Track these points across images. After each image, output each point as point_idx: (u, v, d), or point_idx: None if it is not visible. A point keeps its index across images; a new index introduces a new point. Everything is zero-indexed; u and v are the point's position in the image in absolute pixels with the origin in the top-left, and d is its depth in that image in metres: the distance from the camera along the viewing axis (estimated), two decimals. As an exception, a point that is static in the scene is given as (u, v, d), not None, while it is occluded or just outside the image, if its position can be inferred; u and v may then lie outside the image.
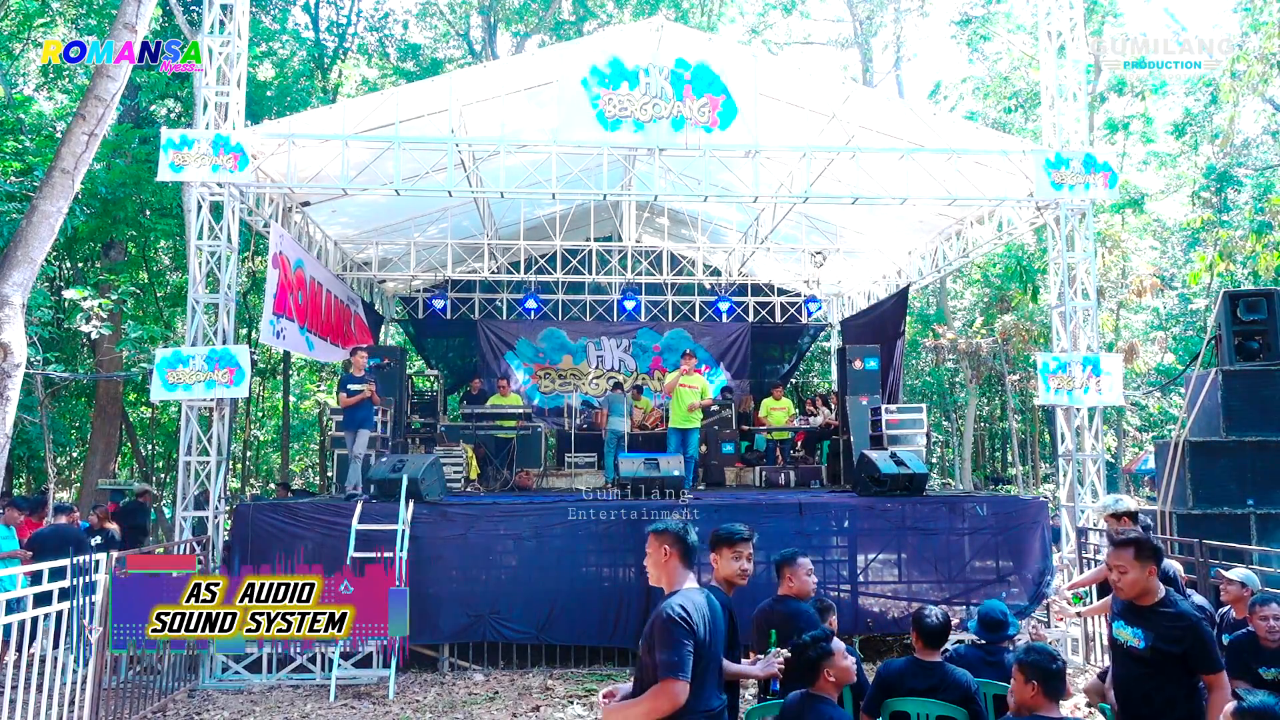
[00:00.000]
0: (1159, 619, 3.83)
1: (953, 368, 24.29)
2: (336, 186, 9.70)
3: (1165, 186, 27.10)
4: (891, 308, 14.67)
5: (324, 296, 12.02)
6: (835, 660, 3.83)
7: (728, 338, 17.33)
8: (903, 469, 9.51)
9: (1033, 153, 9.93)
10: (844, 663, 3.86)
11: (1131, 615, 3.93)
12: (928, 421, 12.83)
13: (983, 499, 9.74)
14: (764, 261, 16.17)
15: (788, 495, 10.54)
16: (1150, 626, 3.84)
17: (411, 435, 13.36)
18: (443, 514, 8.91)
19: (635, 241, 15.14)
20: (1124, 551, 3.89)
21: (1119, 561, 3.90)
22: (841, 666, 3.84)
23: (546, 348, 16.99)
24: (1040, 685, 3.79)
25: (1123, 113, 24.55)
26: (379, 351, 12.62)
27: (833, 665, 3.82)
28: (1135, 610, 3.92)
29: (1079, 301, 10.00)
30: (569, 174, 10.42)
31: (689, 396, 11.32)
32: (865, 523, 9.18)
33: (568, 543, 8.90)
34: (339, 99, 20.77)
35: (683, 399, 11.32)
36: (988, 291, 22.81)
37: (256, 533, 8.72)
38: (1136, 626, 3.87)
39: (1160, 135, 25.61)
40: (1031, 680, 3.81)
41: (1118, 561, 3.91)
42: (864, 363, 12.21)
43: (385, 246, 14.21)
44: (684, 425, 11.25)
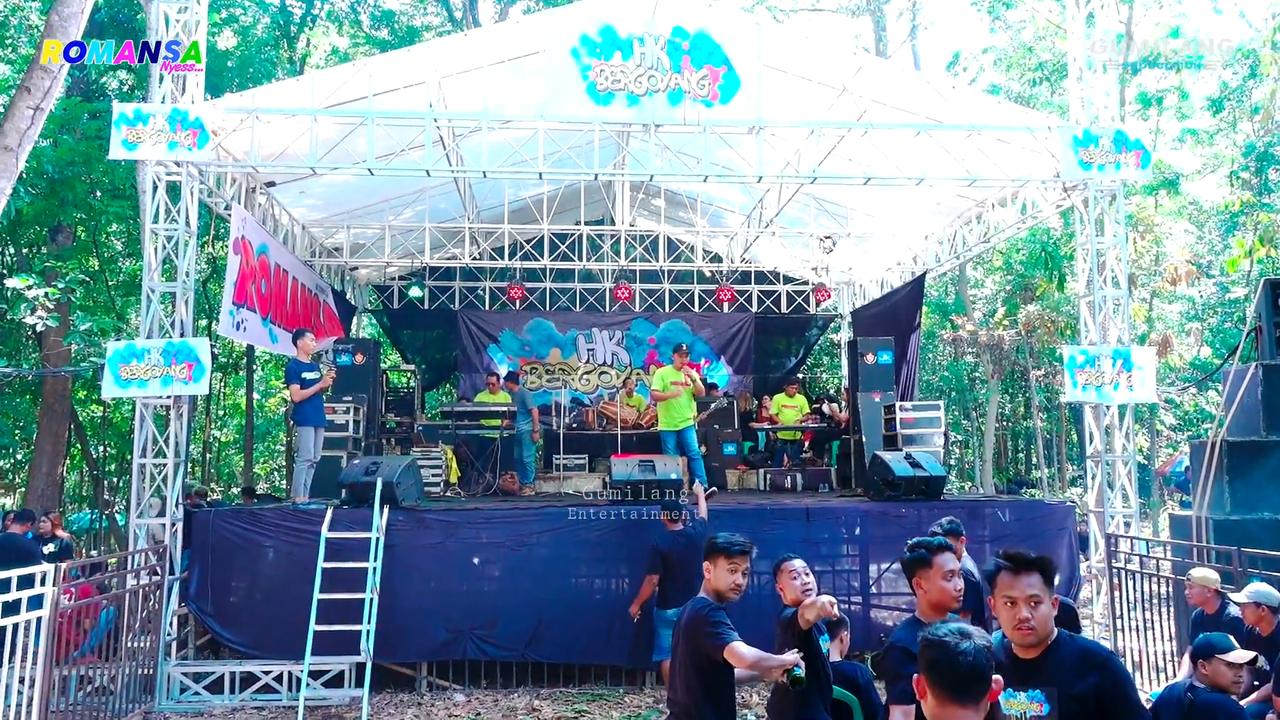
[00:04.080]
0: (1061, 667, 3.07)
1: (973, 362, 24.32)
2: (304, 165, 9.66)
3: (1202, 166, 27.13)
4: (906, 297, 14.69)
5: (290, 285, 11.98)
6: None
7: (729, 329, 17.34)
8: (918, 471, 9.53)
9: (1059, 129, 9.93)
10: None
11: (1025, 673, 3.10)
12: (945, 420, 12.84)
13: (1005, 503, 9.76)
14: (769, 247, 16.17)
15: (794, 500, 10.56)
16: (1052, 681, 3.06)
17: (386, 435, 13.34)
18: (420, 521, 8.90)
19: (629, 225, 15.13)
20: (1030, 574, 3.12)
21: (1028, 590, 3.09)
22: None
23: (532, 340, 16.99)
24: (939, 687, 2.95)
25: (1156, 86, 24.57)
26: (351, 344, 12.60)
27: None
28: (1028, 666, 3.11)
29: (1109, 290, 10.02)
30: (557, 152, 10.40)
31: (683, 395, 11.25)
32: (878, 529, 9.19)
33: (556, 551, 8.90)
34: (307, 70, 20.71)
35: (678, 399, 11.26)
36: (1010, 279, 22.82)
37: (218, 542, 8.71)
38: (1035, 688, 3.08)
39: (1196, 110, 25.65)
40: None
41: (1026, 591, 3.09)
42: (877, 356, 12.21)
43: (357, 231, 14.17)
44: (677, 426, 11.17)
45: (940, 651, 2.45)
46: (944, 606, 3.68)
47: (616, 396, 15.34)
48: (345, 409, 11.26)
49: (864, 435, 11.95)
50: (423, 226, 13.95)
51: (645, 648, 8.51)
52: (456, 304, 17.20)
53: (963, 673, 2.40)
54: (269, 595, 8.73)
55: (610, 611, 8.78)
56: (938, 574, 3.71)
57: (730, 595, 3.95)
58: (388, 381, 15.45)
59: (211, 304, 18.46)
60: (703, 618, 3.92)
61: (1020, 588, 3.09)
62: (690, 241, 16.45)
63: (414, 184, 12.92)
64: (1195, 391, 24.72)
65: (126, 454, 18.69)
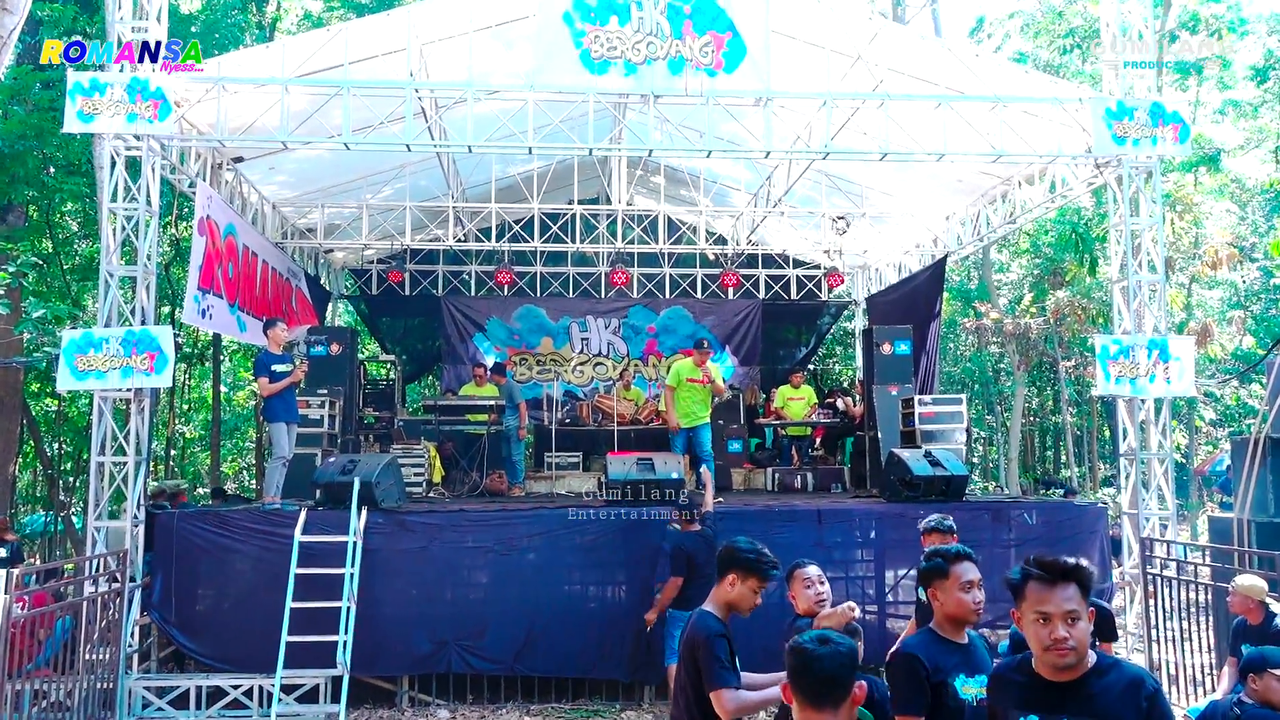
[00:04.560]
0: (1105, 696, 2.89)
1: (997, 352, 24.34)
2: (275, 139, 9.63)
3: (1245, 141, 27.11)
4: (926, 282, 14.69)
5: (259, 268, 11.97)
6: None
7: (735, 317, 17.34)
8: (939, 470, 9.54)
9: (1091, 101, 9.92)
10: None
11: (1055, 699, 2.93)
12: (968, 415, 12.88)
13: (1032, 505, 9.78)
14: (777, 228, 16.15)
15: (805, 501, 10.57)
16: (1093, 711, 2.88)
17: (364, 431, 13.35)
18: (401, 523, 8.91)
19: (626, 204, 15.10)
20: (1067, 586, 2.93)
21: (1065, 605, 2.90)
22: None
23: (522, 328, 16.98)
24: (799, 692, 2.83)
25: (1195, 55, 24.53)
26: (326, 333, 12.60)
27: None
28: (1060, 692, 2.93)
29: (1144, 275, 10.02)
30: (548, 125, 10.37)
31: (698, 393, 11.21)
32: (895, 533, 9.21)
33: (548, 556, 8.92)
34: (277, 36, 20.64)
35: (690, 395, 11.21)
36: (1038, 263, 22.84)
37: (183, 546, 8.72)
38: (1069, 716, 2.91)
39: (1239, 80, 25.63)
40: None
41: (1063, 605, 2.90)
42: (894, 346, 12.22)
43: (333, 210, 14.15)
44: (691, 423, 11.15)
45: (798, 658, 2.78)
46: (962, 620, 3.66)
47: (613, 389, 15.36)
48: (320, 403, 11.26)
49: (880, 431, 11.96)
50: (403, 206, 13.92)
51: (644, 659, 8.54)
52: (440, 289, 17.18)
53: (819, 679, 2.74)
54: (238, 603, 8.74)
55: (606, 621, 8.80)
56: (955, 585, 3.68)
57: (745, 613, 3.95)
58: (366, 373, 15.45)
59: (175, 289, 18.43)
60: (704, 647, 3.86)
61: (1056, 601, 2.89)
62: (692, 222, 16.43)
63: (393, 160, 12.89)
64: (1237, 384, 24.75)
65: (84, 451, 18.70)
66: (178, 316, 17.43)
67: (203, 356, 22.42)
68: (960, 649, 3.63)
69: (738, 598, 3.98)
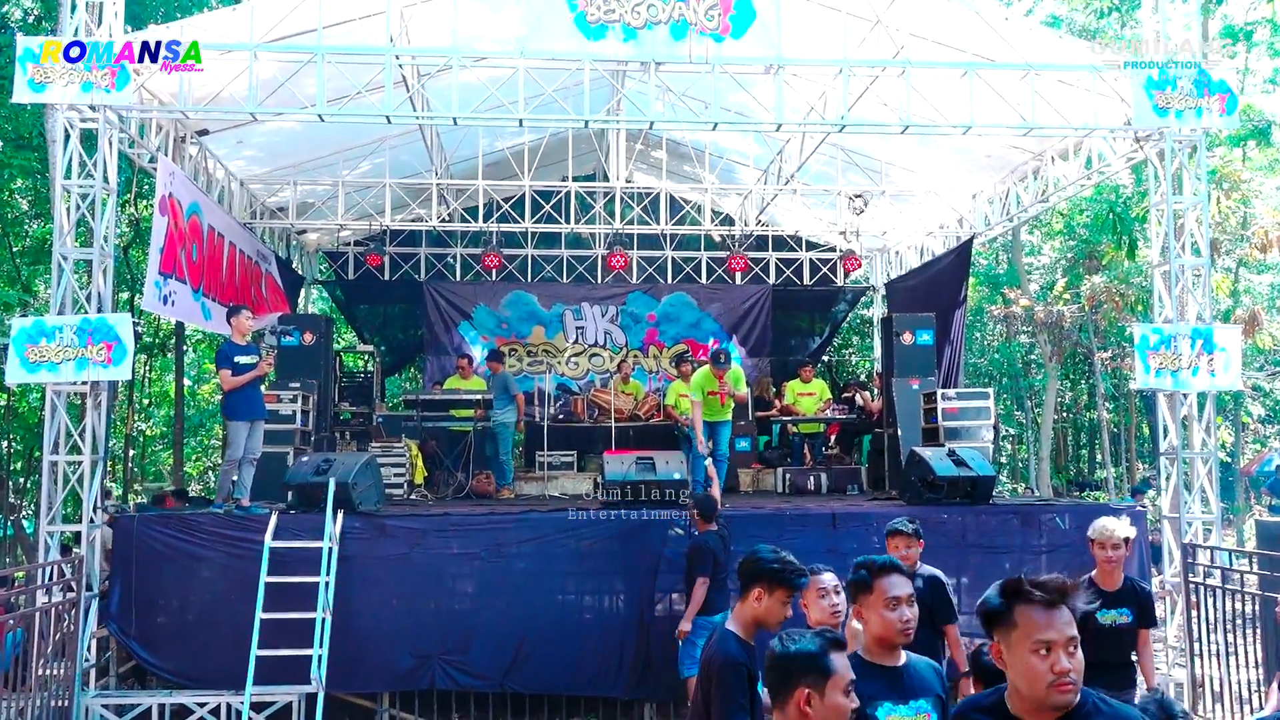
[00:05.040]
0: None
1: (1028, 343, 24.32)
2: (243, 110, 9.61)
3: (1299, 112, 27.09)
4: (950, 266, 14.68)
5: (226, 251, 11.96)
6: None
7: (743, 304, 17.34)
8: (963, 470, 9.55)
9: (1130, 68, 9.89)
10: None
11: None
12: (995, 411, 12.87)
13: (1064, 508, 9.78)
14: (789, 207, 16.14)
15: (818, 503, 10.57)
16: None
17: (340, 428, 13.35)
18: (380, 528, 8.91)
19: (625, 181, 15.10)
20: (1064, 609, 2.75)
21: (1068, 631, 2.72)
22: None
23: (511, 316, 16.99)
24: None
25: (1244, 17, 24.47)
26: (298, 321, 12.59)
27: None
28: None
29: (1187, 258, 10.02)
30: (540, 95, 10.35)
31: (716, 398, 11.23)
32: (916, 538, 9.23)
33: (540, 564, 8.92)
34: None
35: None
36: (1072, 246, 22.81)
37: (144, 553, 8.72)
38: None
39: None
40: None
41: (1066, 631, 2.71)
42: (915, 336, 12.22)
43: (305, 188, 14.13)
44: (712, 418, 11.23)
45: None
46: (888, 642, 3.51)
47: (610, 382, 15.37)
48: (292, 397, 11.26)
49: (900, 428, 11.96)
50: (382, 183, 13.91)
51: (644, 675, 8.56)
52: (422, 274, 17.18)
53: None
54: (203, 614, 8.75)
55: (603, 633, 8.81)
56: (880, 601, 3.54)
57: (774, 628, 3.77)
58: (342, 365, 15.45)
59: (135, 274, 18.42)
60: (719, 678, 3.79)
61: (1057, 628, 2.67)
62: (697, 201, 16.42)
63: (372, 133, 12.87)
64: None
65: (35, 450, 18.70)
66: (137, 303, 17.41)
67: (164, 347, 22.41)
68: (887, 673, 3.47)
69: (765, 612, 3.90)
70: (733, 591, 8.48)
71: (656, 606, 8.74)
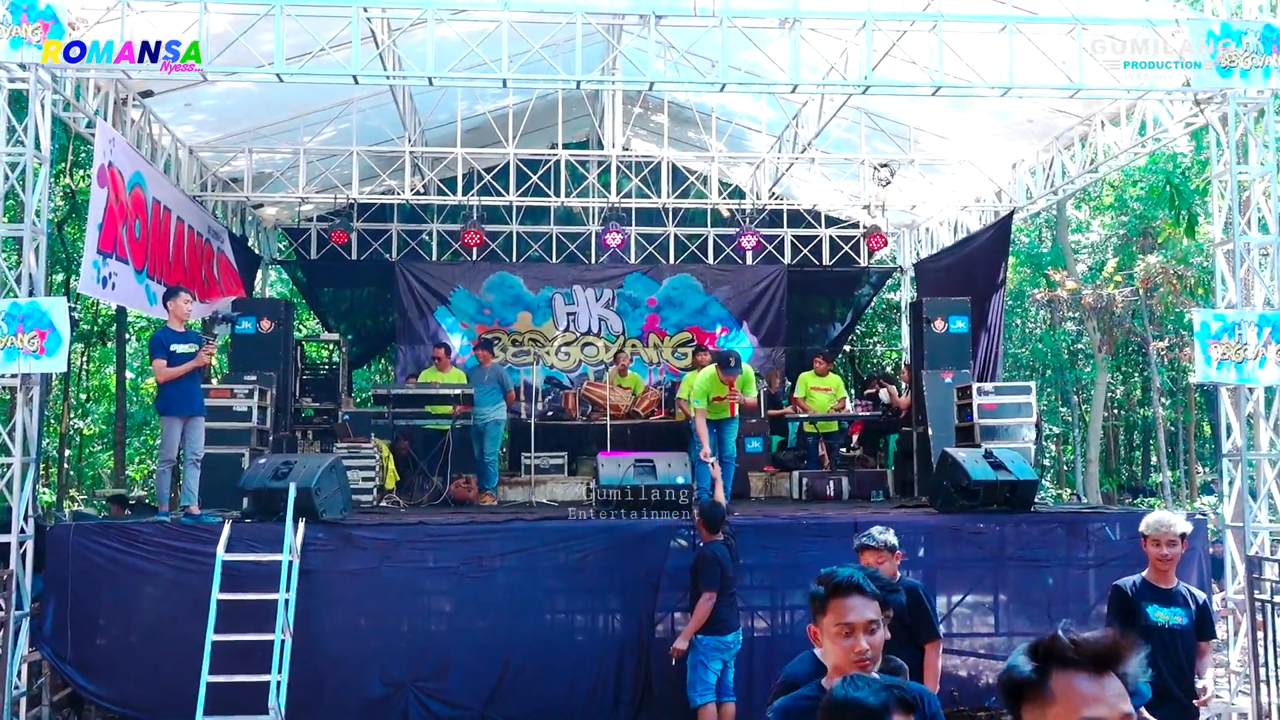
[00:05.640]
0: None
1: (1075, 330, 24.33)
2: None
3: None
4: (987, 244, 14.67)
5: (173, 227, 11.94)
6: None
7: (754, 287, 17.33)
8: (1002, 474, 9.55)
9: (1190, 23, 9.87)
10: None
11: None
12: (1037, 407, 12.88)
13: (1115, 516, 9.79)
14: (806, 178, 16.12)
15: (838, 511, 10.58)
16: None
17: (302, 426, 13.34)
18: (347, 539, 8.90)
19: (622, 149, 15.05)
20: (1114, 677, 2.31)
21: (1121, 707, 2.22)
22: None
23: (495, 301, 16.97)
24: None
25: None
26: (254, 306, 12.57)
27: None
28: None
29: (1253, 236, 10.00)
30: (527, 52, 10.33)
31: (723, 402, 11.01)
32: (948, 550, 9.24)
33: (526, 579, 8.92)
34: (194, -58, 20.55)
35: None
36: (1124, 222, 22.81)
37: (81, 566, 8.71)
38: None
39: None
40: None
41: (1119, 708, 2.22)
42: (948, 322, 12.22)
43: (263, 156, 14.10)
44: (717, 416, 11.10)
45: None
46: (839, 671, 3.27)
47: (605, 375, 15.34)
48: (247, 392, 11.25)
49: (930, 427, 11.97)
50: (349, 151, 13.87)
51: (644, 703, 8.56)
52: (394, 253, 17.16)
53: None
54: (148, 636, 8.74)
55: (597, 657, 8.81)
56: (831, 625, 3.34)
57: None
58: (303, 355, 15.45)
59: (70, 253, 18.42)
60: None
61: (1108, 701, 2.23)
62: (703, 171, 16.38)
63: (337, 94, 12.85)
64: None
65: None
66: (74, 286, 17.43)
67: (104, 335, 22.42)
68: None
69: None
70: (742, 610, 8.54)
71: (658, 626, 8.73)
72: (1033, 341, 25.64)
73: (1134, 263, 21.33)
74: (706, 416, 10.74)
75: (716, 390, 10.65)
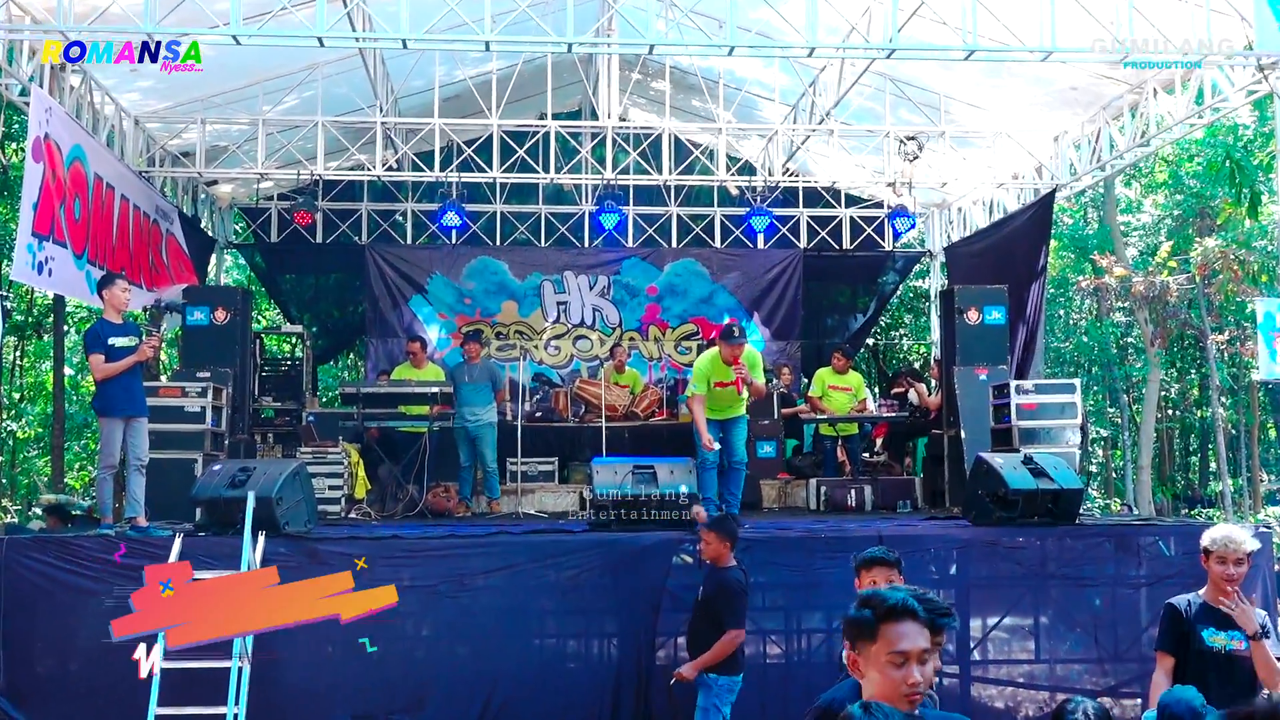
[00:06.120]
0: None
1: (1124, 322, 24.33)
2: (139, 30, 9.58)
3: None
4: (1026, 226, 14.68)
5: (117, 207, 11.94)
6: None
7: (766, 273, 17.32)
8: (1043, 482, 9.54)
9: (1255, -22, 9.89)
10: None
11: None
12: (1083, 408, 12.89)
13: (1169, 529, 9.81)
14: (825, 152, 16.12)
15: (860, 523, 10.58)
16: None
17: (262, 429, 13.34)
18: (312, 554, 8.89)
19: (619, 120, 15.04)
20: None
21: None
22: None
23: (476, 288, 16.96)
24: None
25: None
26: (207, 295, 12.56)
27: None
28: None
29: (1325, 216, 10.01)
30: (512, 11, 10.34)
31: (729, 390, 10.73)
32: (983, 567, 9.24)
33: (512, 599, 8.90)
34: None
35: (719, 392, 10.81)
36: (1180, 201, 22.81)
37: (14, 585, 8.70)
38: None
39: None
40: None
41: None
42: (983, 314, 12.22)
43: (217, 128, 14.10)
44: (723, 414, 10.84)
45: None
46: (891, 705, 3.16)
47: (600, 372, 15.33)
48: (200, 391, 11.23)
49: (963, 429, 11.97)
50: (314, 122, 13.86)
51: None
52: (364, 236, 17.15)
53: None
54: (90, 663, 8.73)
55: (592, 686, 8.79)
56: (883, 654, 3.26)
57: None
58: (263, 349, 15.43)
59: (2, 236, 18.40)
60: None
61: None
62: (708, 144, 16.36)
63: (300, 59, 12.85)
64: None
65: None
66: (6, 272, 17.42)
67: (40, 327, 22.41)
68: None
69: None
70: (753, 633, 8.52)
71: (658, 653, 8.72)
72: (1077, 334, 25.66)
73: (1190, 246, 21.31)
74: (712, 416, 10.40)
75: (719, 374, 10.29)
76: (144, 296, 12.24)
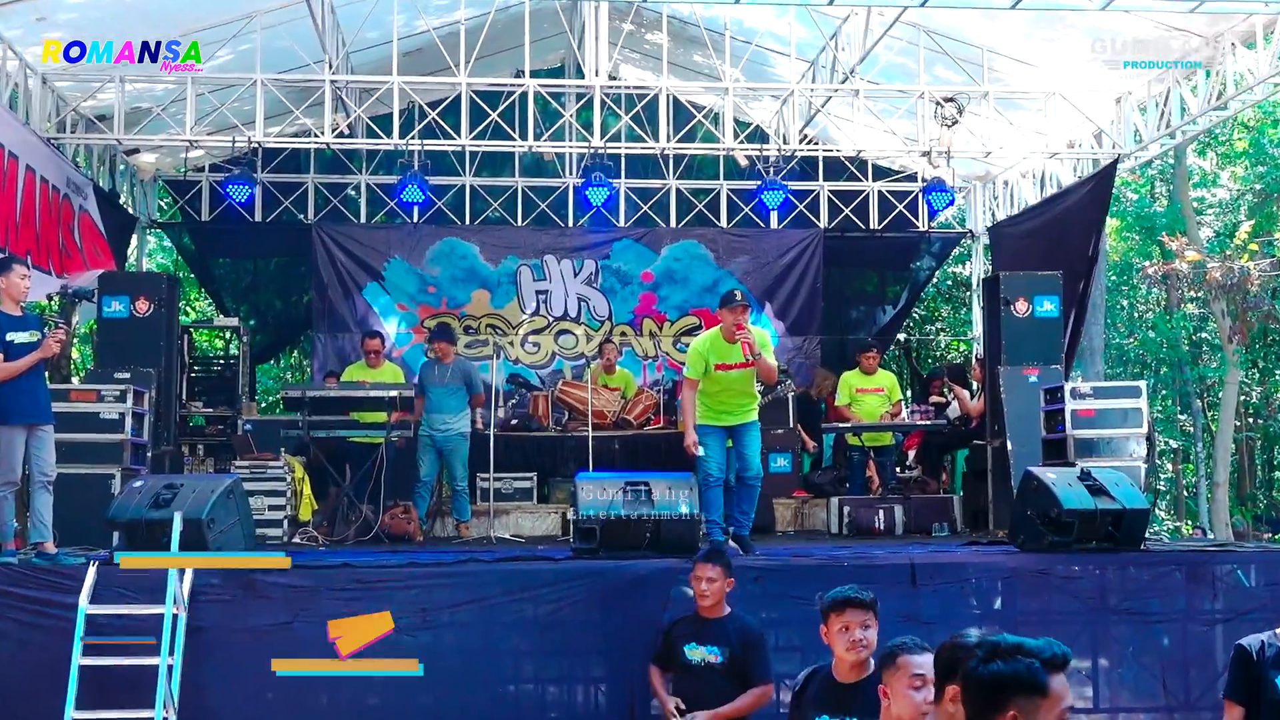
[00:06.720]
0: None
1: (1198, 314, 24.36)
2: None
3: None
4: (1083, 204, 14.69)
5: (21, 179, 11.93)
6: None
7: (780, 257, 17.33)
8: (1103, 501, 9.54)
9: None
10: None
11: None
12: (1149, 415, 12.89)
13: (1250, 556, 9.81)
14: (848, 116, 16.12)
15: (890, 549, 10.59)
16: None
17: (191, 439, 13.33)
18: (249, 585, 8.89)
19: (608, 79, 15.03)
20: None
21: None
22: None
23: (441, 275, 16.96)
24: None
25: None
26: (127, 282, 12.54)
27: None
28: None
29: None
30: (483, -50, 10.35)
31: (736, 382, 10.43)
32: (1033, 600, 9.24)
33: (483, 637, 8.91)
34: None
35: (723, 386, 10.51)
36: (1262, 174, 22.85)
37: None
38: None
39: None
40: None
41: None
42: (1033, 304, 12.23)
43: (139, 86, 14.08)
44: (732, 420, 10.60)
45: None
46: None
47: (586, 373, 15.34)
48: (117, 394, 11.21)
49: (1010, 440, 11.98)
50: (252, 80, 13.84)
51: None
52: (310, 213, 17.16)
53: None
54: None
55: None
56: (904, 678, 4.30)
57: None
58: (192, 346, 15.46)
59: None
60: None
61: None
62: (713, 107, 16.37)
63: (236, 7, 12.88)
64: None
65: None
66: (-108, 256, 17.39)
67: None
68: None
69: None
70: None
71: (653, 700, 8.73)
72: (1143, 329, 25.69)
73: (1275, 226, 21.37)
74: (718, 422, 10.13)
75: (720, 354, 9.84)
76: (50, 283, 12.22)
